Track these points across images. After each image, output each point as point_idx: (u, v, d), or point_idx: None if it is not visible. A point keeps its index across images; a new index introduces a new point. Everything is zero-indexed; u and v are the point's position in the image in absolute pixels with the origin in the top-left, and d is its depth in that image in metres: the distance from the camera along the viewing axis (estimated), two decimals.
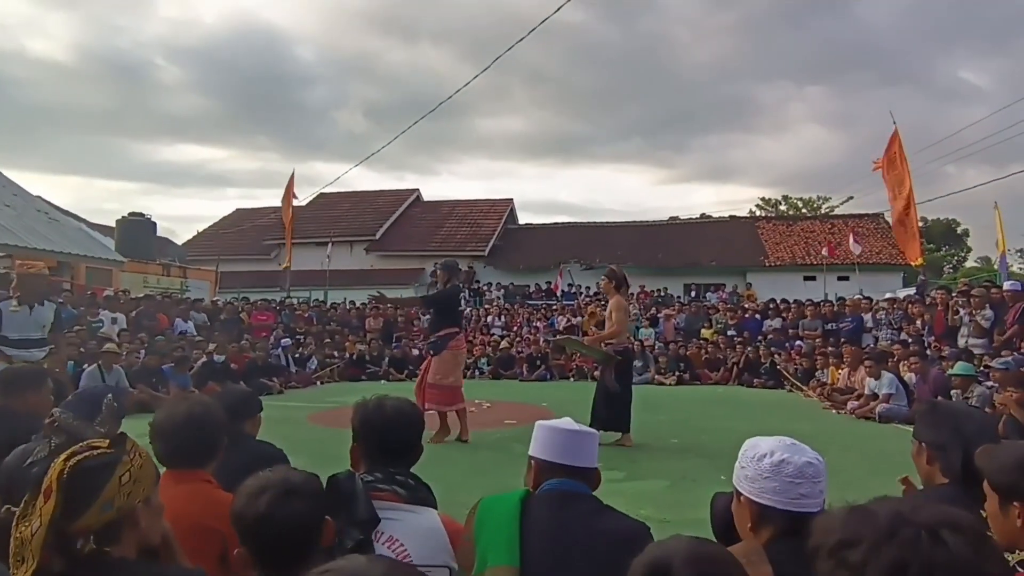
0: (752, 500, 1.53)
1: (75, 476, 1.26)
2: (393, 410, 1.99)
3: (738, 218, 30.76)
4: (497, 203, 30.09)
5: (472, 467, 5.67)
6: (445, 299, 7.20)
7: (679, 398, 11.10)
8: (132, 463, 1.34)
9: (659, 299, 19.74)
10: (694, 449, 6.58)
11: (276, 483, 1.48)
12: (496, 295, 22.66)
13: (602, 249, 25.49)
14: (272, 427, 3.04)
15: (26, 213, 17.10)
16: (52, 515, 1.21)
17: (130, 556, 1.33)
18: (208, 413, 2.13)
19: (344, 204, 29.72)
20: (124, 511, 1.31)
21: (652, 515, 4.07)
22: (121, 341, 10.61)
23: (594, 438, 1.89)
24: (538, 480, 1.83)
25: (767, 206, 42.42)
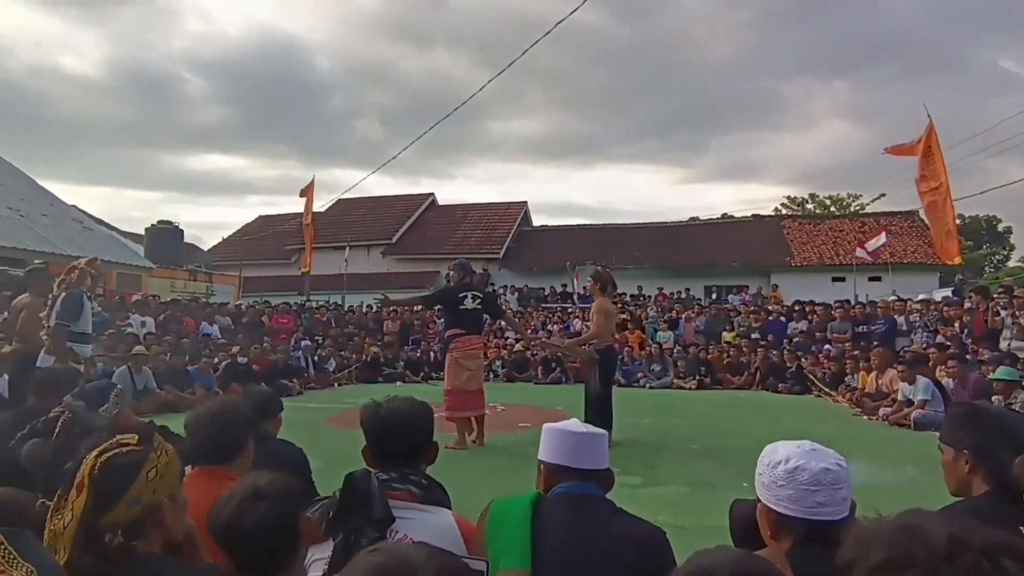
0: (770, 507, 1.51)
1: (105, 472, 1.31)
2: (389, 412, 1.99)
3: (762, 217, 30.35)
4: (511, 206, 30.14)
5: (486, 470, 5.69)
6: (442, 298, 7.11)
7: (700, 403, 11.02)
8: (159, 460, 1.39)
9: (678, 301, 19.60)
10: (715, 455, 6.53)
11: (243, 488, 1.50)
12: (510, 298, 22.65)
13: (618, 250, 25.36)
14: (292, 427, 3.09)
15: (62, 222, 17.89)
16: (83, 509, 1.27)
17: (155, 551, 1.38)
18: (233, 412, 2.19)
19: (361, 209, 29.99)
20: (151, 507, 1.36)
21: (671, 521, 4.06)
22: (149, 344, 10.81)
23: (603, 439, 1.87)
24: (548, 484, 1.82)
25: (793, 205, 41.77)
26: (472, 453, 6.45)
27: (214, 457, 2.08)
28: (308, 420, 8.24)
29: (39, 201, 18.38)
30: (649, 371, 14.04)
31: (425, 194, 32.07)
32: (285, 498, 1.52)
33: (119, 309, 13.11)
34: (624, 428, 7.66)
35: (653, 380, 13.72)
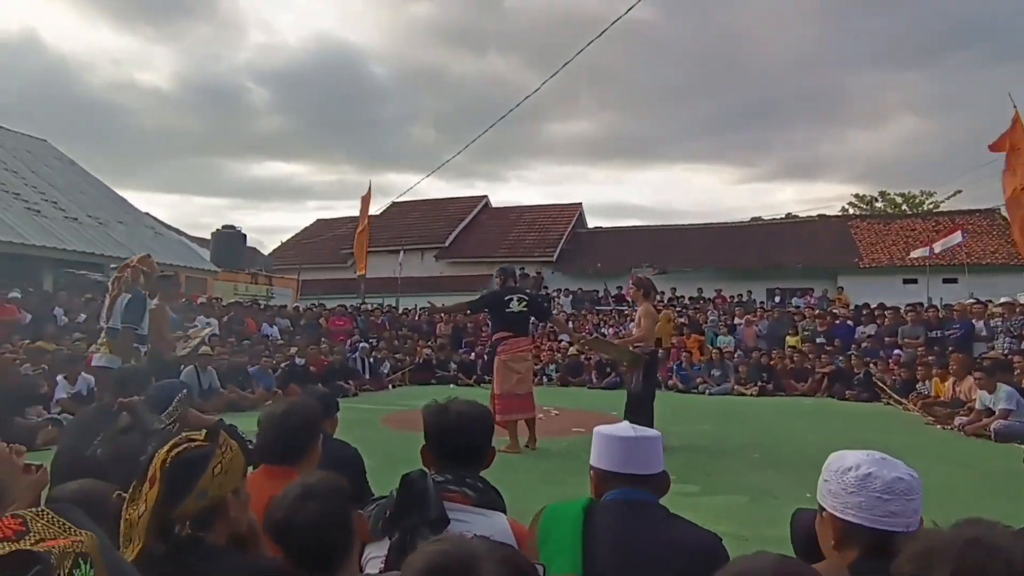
0: (836, 516, 1.47)
1: (175, 466, 1.39)
2: (455, 414, 2.00)
3: (828, 217, 29.35)
4: (565, 208, 30.02)
5: (540, 475, 5.70)
6: (488, 302, 7.23)
7: (761, 410, 10.77)
8: (224, 456, 1.46)
9: (739, 304, 19.17)
10: (776, 464, 6.37)
11: (294, 488, 1.55)
12: (564, 301, 22.58)
13: (676, 252, 24.99)
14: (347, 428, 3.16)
15: (136, 229, 19.10)
16: (156, 501, 1.34)
17: (220, 542, 1.45)
18: (301, 415, 2.25)
19: (415, 212, 30.40)
20: (216, 500, 1.43)
21: (729, 531, 3.96)
22: (213, 344, 11.23)
23: (655, 441, 1.82)
24: (600, 490, 1.80)
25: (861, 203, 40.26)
26: (526, 458, 6.46)
27: (279, 457, 2.14)
28: (363, 421, 8.40)
29: (116, 209, 19.56)
30: (709, 377, 13.79)
31: (478, 196, 32.27)
32: (335, 497, 1.56)
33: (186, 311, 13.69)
34: (682, 435, 7.58)
35: (713, 386, 13.47)
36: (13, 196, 16.38)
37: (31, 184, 17.74)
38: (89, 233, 16.93)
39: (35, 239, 14.58)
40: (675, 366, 14.40)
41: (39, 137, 21.39)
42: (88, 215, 17.89)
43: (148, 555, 1.32)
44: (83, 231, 16.84)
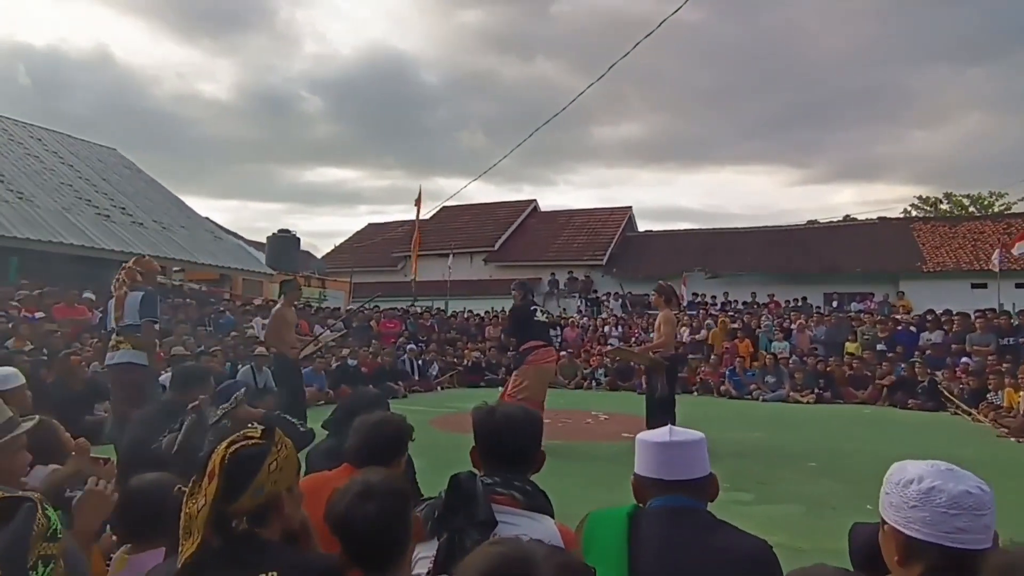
0: (899, 530, 1.41)
1: (234, 462, 1.43)
2: (503, 416, 2.00)
3: (889, 219, 28.36)
4: (615, 211, 29.80)
5: (588, 479, 5.65)
6: (518, 318, 7.36)
7: (818, 417, 10.47)
8: (279, 454, 1.50)
9: (794, 308, 18.69)
10: (835, 473, 6.18)
11: (356, 485, 1.57)
12: (614, 304, 22.42)
13: (728, 256, 24.53)
14: None
15: (196, 233, 19.78)
16: (214, 496, 1.39)
17: (275, 538, 1.49)
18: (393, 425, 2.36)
19: (464, 216, 30.63)
20: (272, 496, 1.47)
21: (785, 542, 3.88)
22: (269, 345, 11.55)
23: (700, 444, 1.75)
24: (643, 497, 1.76)
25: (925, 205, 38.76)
26: (573, 462, 6.42)
27: (368, 461, 2.13)
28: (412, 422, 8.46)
29: (178, 214, 20.36)
30: (763, 383, 13.48)
31: (527, 201, 32.33)
32: (395, 497, 1.58)
33: (243, 313, 14.14)
34: (735, 442, 7.44)
35: (767, 392, 13.16)
36: (85, 202, 17.21)
37: (102, 191, 18.58)
38: (153, 237, 17.61)
39: (104, 243, 15.26)
40: (728, 372, 14.13)
41: (109, 146, 22.42)
42: (153, 220, 18.65)
43: (206, 547, 1.36)
44: (147, 235, 17.55)
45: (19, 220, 14.34)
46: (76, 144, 20.75)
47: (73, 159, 19.52)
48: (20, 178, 16.27)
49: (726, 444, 7.07)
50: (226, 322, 13.13)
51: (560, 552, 0.91)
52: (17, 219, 14.31)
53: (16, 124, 19.47)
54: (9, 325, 8.84)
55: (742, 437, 8.03)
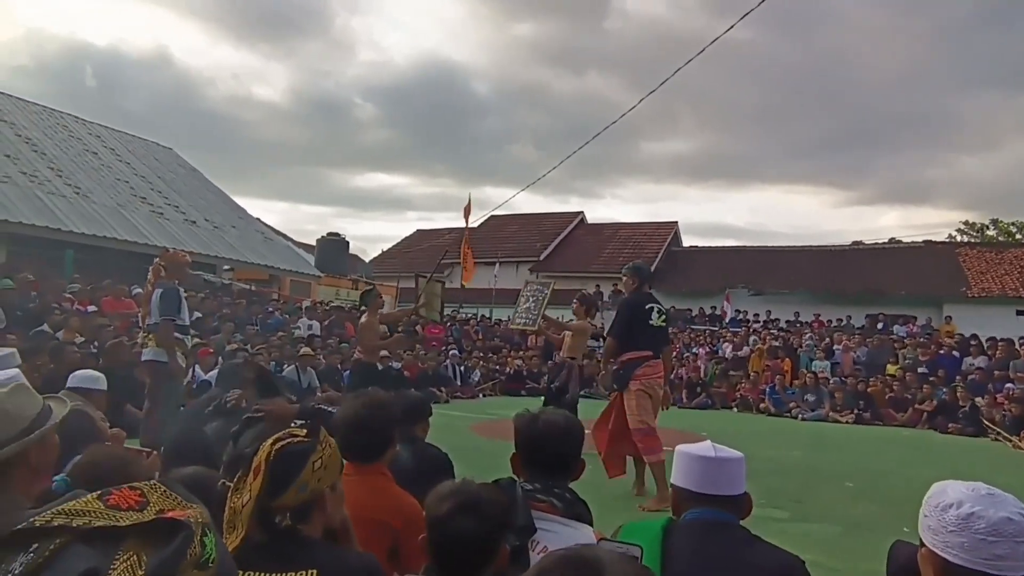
0: (937, 554, 1.37)
1: (279, 459, 1.44)
2: (544, 424, 1.99)
3: (934, 243, 27.43)
4: (661, 226, 29.50)
5: (626, 491, 5.58)
6: (632, 317, 5.50)
7: (857, 438, 10.17)
8: (323, 452, 1.51)
9: (837, 329, 18.22)
10: (873, 495, 5.99)
11: (463, 494, 1.53)
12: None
13: (772, 274, 24.04)
14: (437, 433, 3.22)
15: (247, 234, 20.08)
16: (259, 491, 1.40)
17: (316, 535, 1.49)
18: (382, 411, 2.24)
19: (512, 226, 30.69)
20: (315, 494, 1.48)
21: (820, 561, 3.78)
22: (314, 346, 11.68)
23: (738, 463, 1.73)
24: (679, 509, 1.74)
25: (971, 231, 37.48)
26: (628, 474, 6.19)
27: (367, 455, 2.13)
28: (453, 427, 8.53)
29: (231, 214, 20.66)
30: (802, 401, 13.17)
31: (574, 212, 32.22)
32: (495, 520, 1.53)
33: (291, 313, 14.35)
34: (772, 459, 7.29)
35: (806, 411, 12.84)
36: (140, 199, 17.49)
37: (156, 189, 18.87)
38: (205, 236, 17.89)
39: (157, 239, 15.38)
40: (767, 389, 13.86)
41: (165, 146, 22.74)
42: (205, 219, 18.91)
43: (249, 542, 1.37)
44: (199, 233, 17.82)
45: (75, 214, 14.55)
46: (133, 142, 21.02)
47: (130, 157, 19.79)
48: (78, 173, 16.48)
49: (764, 461, 6.90)
50: (274, 322, 13.30)
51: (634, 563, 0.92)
52: (73, 213, 14.54)
53: (76, 120, 19.71)
54: (62, 317, 8.92)
55: (780, 455, 7.85)
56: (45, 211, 13.96)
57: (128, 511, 0.94)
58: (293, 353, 10.65)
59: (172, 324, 5.54)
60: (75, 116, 19.99)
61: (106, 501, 0.94)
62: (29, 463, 1.67)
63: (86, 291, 10.86)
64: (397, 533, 2.01)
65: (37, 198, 14.26)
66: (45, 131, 17.71)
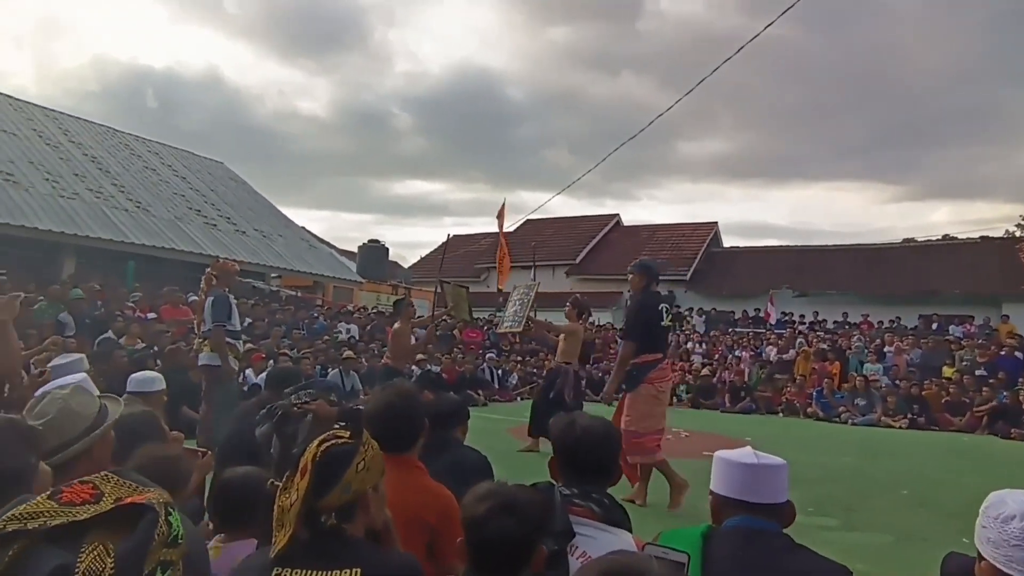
0: (997, 568, 1.32)
1: (325, 459, 1.48)
2: (581, 429, 1.98)
3: (991, 239, 26.40)
4: (700, 226, 29.11)
5: (666, 496, 5.50)
6: (646, 318, 5.34)
7: (911, 444, 9.87)
8: (366, 454, 1.54)
9: (888, 330, 17.69)
10: (928, 503, 5.80)
11: (500, 495, 1.54)
12: (697, 320, 21.88)
13: (818, 274, 23.47)
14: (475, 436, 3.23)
15: (293, 242, 20.82)
16: (306, 491, 1.44)
17: (359, 535, 1.52)
18: (410, 401, 2.26)
19: (548, 230, 30.69)
20: (358, 494, 1.51)
21: (870, 572, 3.69)
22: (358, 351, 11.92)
23: (781, 470, 1.69)
24: (719, 516, 1.71)
25: None
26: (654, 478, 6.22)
27: (397, 444, 2.12)
28: (491, 430, 8.56)
29: (277, 224, 21.49)
30: (852, 406, 12.81)
31: (610, 215, 32.10)
32: (533, 521, 1.53)
33: (333, 319, 14.72)
34: (821, 466, 7.14)
35: (856, 416, 12.50)
36: (195, 212, 18.42)
37: (210, 201, 19.83)
38: (254, 245, 18.63)
39: (211, 249, 16.19)
40: (815, 393, 13.54)
41: (217, 160, 23.91)
42: (255, 229, 19.71)
43: (296, 540, 1.41)
44: (249, 243, 18.56)
45: (137, 227, 15.47)
46: (189, 158, 22.25)
47: (186, 172, 20.91)
48: (138, 189, 17.55)
49: (811, 468, 6.76)
50: (319, 327, 13.69)
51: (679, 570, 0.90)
52: (135, 227, 15.46)
53: (137, 140, 21.03)
54: (124, 324, 9.51)
55: (829, 461, 7.67)
56: (109, 225, 14.84)
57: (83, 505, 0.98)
58: (337, 356, 10.97)
59: (223, 329, 5.80)
60: (136, 135, 21.22)
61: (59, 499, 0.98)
62: (93, 457, 1.82)
63: (146, 299, 11.56)
64: (432, 528, 2.02)
65: (102, 213, 15.16)
66: (109, 150, 18.88)
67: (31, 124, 17.44)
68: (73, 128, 18.79)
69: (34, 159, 15.70)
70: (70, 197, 14.92)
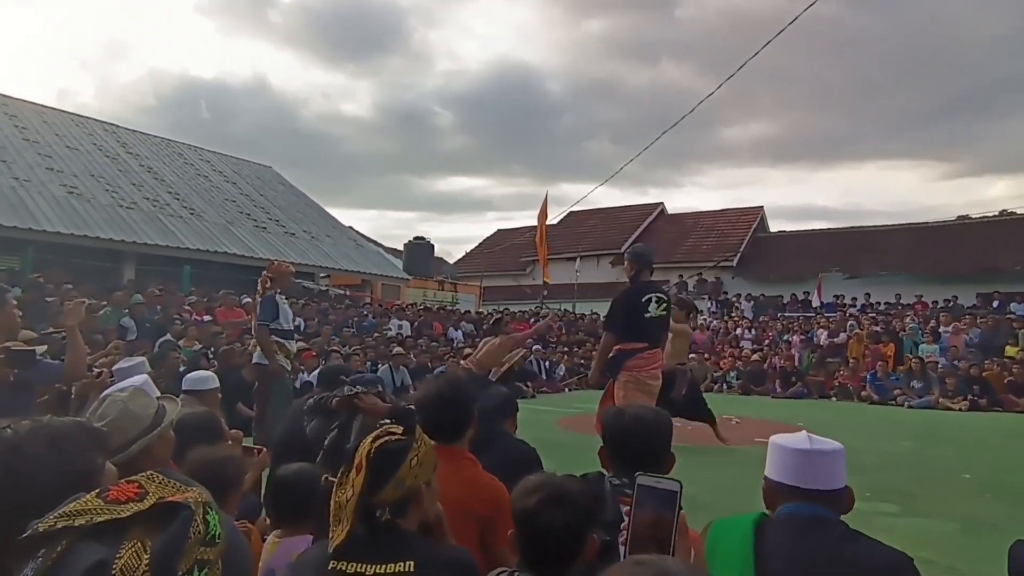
0: None
1: (379, 455, 1.50)
2: (631, 417, 1.98)
3: None
4: (746, 211, 28.66)
5: (717, 485, 5.40)
6: (625, 308, 5.32)
7: (972, 427, 9.49)
8: (419, 450, 1.56)
9: (944, 310, 17.05)
10: (995, 489, 5.56)
11: (550, 486, 1.54)
12: (745, 306, 21.51)
13: (869, 256, 22.82)
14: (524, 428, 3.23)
15: (340, 242, 21.21)
16: (362, 487, 1.46)
17: (412, 529, 1.55)
18: (460, 389, 2.27)
19: (591, 220, 30.59)
20: (412, 490, 1.53)
21: (933, 559, 3.56)
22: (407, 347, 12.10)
23: (837, 455, 1.63)
24: (773, 503, 1.66)
25: None
26: (704, 467, 6.13)
27: (447, 433, 2.12)
28: (540, 422, 8.55)
29: (325, 225, 21.91)
30: (908, 388, 12.40)
31: (654, 204, 31.83)
32: (585, 511, 1.53)
33: (382, 316, 14.94)
34: (878, 452, 6.94)
35: (913, 399, 12.08)
36: (246, 216, 18.93)
37: (259, 205, 20.37)
38: (303, 246, 19.04)
39: (261, 252, 16.66)
40: (869, 376, 13.16)
41: (266, 165, 24.51)
42: (303, 230, 20.16)
43: (353, 535, 1.43)
44: (298, 244, 18.99)
45: (191, 233, 16.04)
46: (239, 164, 22.89)
47: (236, 177, 21.53)
48: (192, 196, 18.16)
49: (868, 453, 6.56)
50: (368, 324, 13.91)
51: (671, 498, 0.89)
52: (190, 232, 16.02)
53: (190, 148, 21.77)
54: (182, 327, 9.82)
55: (886, 446, 7.43)
56: (166, 232, 15.43)
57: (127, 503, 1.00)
58: (386, 353, 11.13)
59: (267, 328, 5.87)
60: (189, 144, 21.99)
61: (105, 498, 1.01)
62: (153, 455, 1.90)
63: (202, 302, 11.88)
64: (484, 520, 2.02)
65: (159, 220, 15.78)
66: (164, 160, 19.61)
67: (92, 139, 18.22)
68: (130, 140, 19.58)
69: (95, 172, 16.38)
70: (128, 207, 15.55)
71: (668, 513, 1.43)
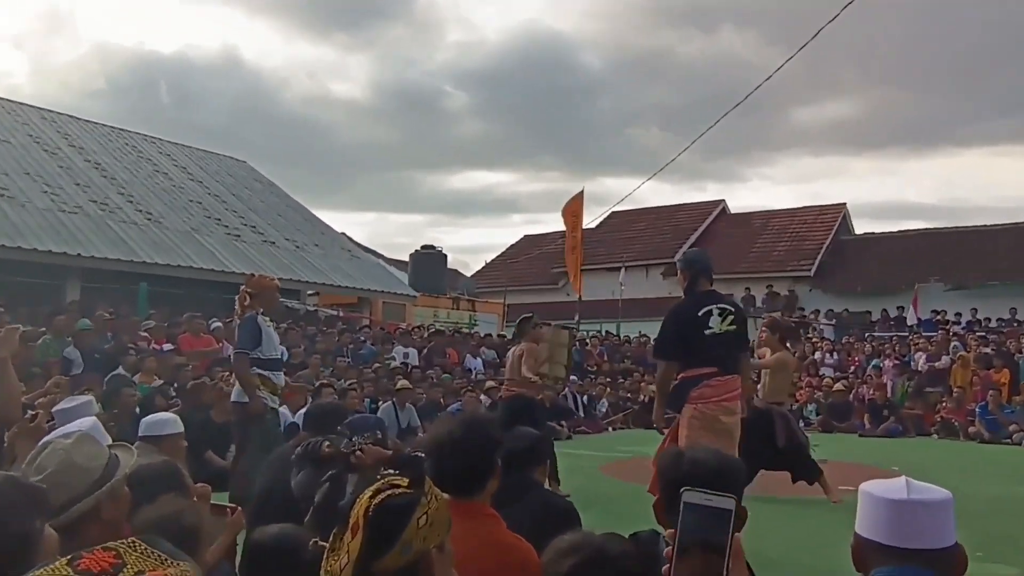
0: None
1: (380, 514, 1.46)
2: (690, 463, 1.93)
3: None
4: (825, 210, 28.54)
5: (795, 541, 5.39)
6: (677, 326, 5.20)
7: None
8: (429, 507, 1.51)
9: None
10: None
11: (589, 548, 1.52)
12: (825, 325, 21.31)
13: (976, 262, 22.61)
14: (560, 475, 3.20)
15: (331, 252, 21.08)
16: (359, 553, 1.43)
17: None
18: (481, 433, 2.23)
19: (638, 223, 30.59)
20: (420, 555, 1.49)
21: None
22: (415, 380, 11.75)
23: (944, 506, 1.58)
24: (866, 566, 1.61)
25: None
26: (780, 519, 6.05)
27: (464, 486, 2.11)
28: (579, 468, 8.48)
29: (312, 231, 21.84)
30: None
31: (713, 201, 31.84)
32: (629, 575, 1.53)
33: (384, 342, 14.85)
34: (990, 499, 6.95)
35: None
36: (215, 221, 18.77)
37: (231, 208, 20.22)
38: (286, 258, 18.85)
39: (234, 265, 16.32)
40: (979, 408, 13.08)
41: (240, 159, 24.40)
42: (285, 238, 20.02)
43: None
44: (279, 255, 18.81)
45: (147, 243, 15.74)
46: (206, 158, 22.78)
47: (202, 175, 21.38)
48: (149, 197, 17.95)
49: (977, 501, 6.47)
50: (366, 352, 13.78)
51: None
52: (146, 242, 15.73)
53: (146, 140, 21.57)
54: (137, 358, 9.53)
55: (1000, 492, 7.39)
56: (118, 242, 15.22)
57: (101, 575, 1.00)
58: (389, 387, 10.92)
59: (246, 357, 5.66)
60: (144, 135, 21.95)
61: (76, 567, 1.01)
62: (101, 518, 1.85)
63: (162, 328, 11.62)
64: None
65: (109, 228, 15.60)
66: (114, 154, 19.56)
67: (27, 129, 18.07)
68: (74, 131, 19.42)
69: (30, 169, 16.17)
70: (71, 211, 15.31)
71: (720, 536, 1.39)
